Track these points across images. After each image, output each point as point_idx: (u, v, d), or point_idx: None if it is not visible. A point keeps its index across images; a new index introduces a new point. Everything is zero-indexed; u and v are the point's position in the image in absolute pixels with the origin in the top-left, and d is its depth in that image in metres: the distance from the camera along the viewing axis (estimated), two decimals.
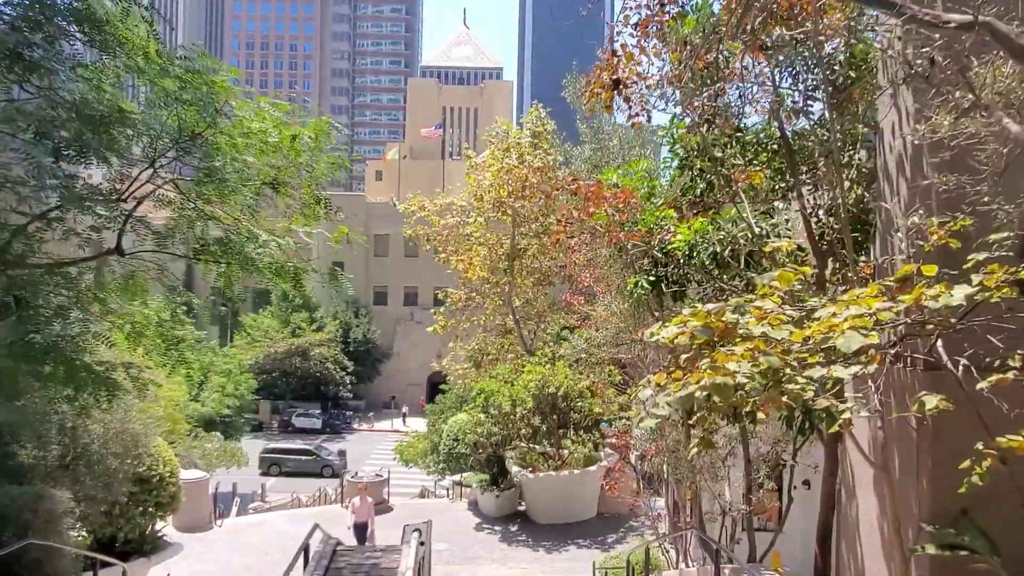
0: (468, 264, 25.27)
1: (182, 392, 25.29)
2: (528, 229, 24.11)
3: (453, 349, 27.80)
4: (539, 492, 19.43)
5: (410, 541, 7.19)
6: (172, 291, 7.39)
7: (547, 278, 24.29)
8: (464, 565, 16.41)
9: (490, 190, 23.68)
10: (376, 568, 6.74)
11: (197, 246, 6.71)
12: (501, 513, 19.92)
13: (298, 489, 31.52)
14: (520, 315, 24.88)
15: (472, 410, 20.22)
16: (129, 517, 12.38)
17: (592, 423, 19.60)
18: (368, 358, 60.60)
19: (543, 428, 19.06)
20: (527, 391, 18.84)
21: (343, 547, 7.61)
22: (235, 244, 6.53)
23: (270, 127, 6.33)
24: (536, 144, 23.93)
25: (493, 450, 20.29)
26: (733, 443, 9.85)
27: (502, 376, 19.99)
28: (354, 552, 7.38)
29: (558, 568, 16.33)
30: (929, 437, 5.15)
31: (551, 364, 19.81)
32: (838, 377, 3.82)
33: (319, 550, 7.17)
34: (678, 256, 7.85)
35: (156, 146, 5.91)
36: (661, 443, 10.05)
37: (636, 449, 14.42)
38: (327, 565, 6.80)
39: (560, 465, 19.69)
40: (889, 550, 5.51)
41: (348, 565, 6.93)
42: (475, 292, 24.81)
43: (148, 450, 12.69)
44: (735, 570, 6.43)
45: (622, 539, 18.58)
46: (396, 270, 64.75)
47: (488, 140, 24.54)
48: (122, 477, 10.34)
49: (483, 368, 24.18)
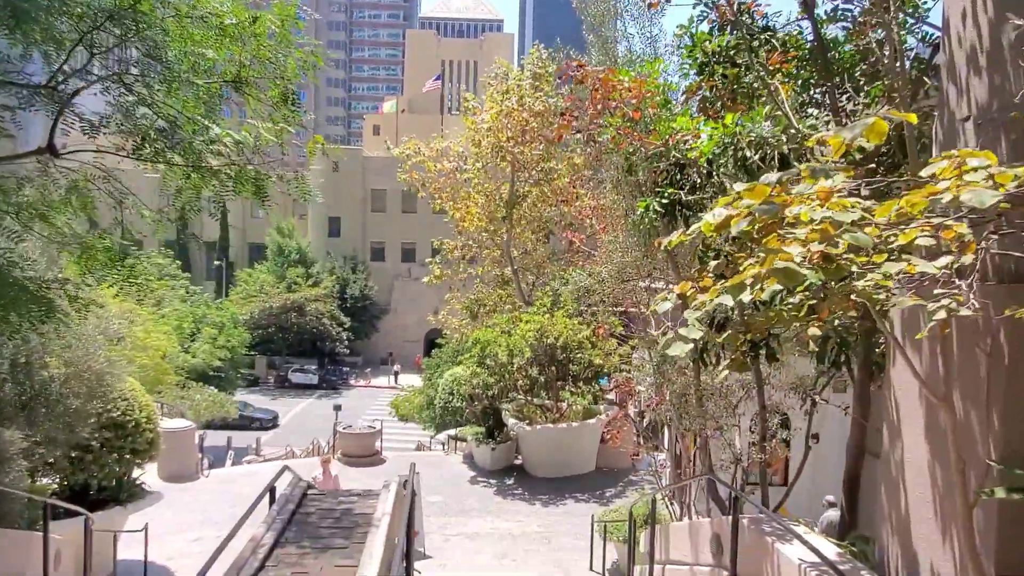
0: (465, 213, 24.33)
1: (171, 342, 24.61)
2: (528, 176, 23.08)
3: (449, 301, 27.04)
4: (536, 445, 18.86)
5: (389, 486, 6.45)
6: (120, 204, 6.50)
7: (546, 226, 23.36)
8: (458, 517, 15.90)
9: (488, 135, 22.59)
10: (349, 513, 6.04)
11: (136, 140, 5.80)
12: (497, 466, 19.38)
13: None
14: (518, 266, 24.03)
15: (468, 361, 19.51)
16: (102, 464, 11.70)
17: (591, 375, 18.92)
18: (365, 314, 60.01)
19: (541, 380, 18.39)
20: (525, 341, 18.10)
21: (314, 491, 6.88)
22: (181, 137, 5.64)
23: (227, 8, 5.38)
24: (537, 87, 22.74)
25: (489, 402, 19.66)
26: (747, 388, 9.10)
27: (499, 326, 19.23)
28: (326, 496, 6.67)
29: (555, 521, 15.82)
30: (1004, 367, 4.34)
31: (550, 314, 19.03)
32: (924, 271, 2.97)
33: (286, 493, 6.46)
34: (695, 174, 6.95)
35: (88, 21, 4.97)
36: (667, 390, 9.31)
37: (638, 398, 13.72)
38: (293, 509, 6.08)
39: (558, 418, 19.08)
40: (944, 495, 4.75)
41: (318, 510, 6.22)
42: (472, 241, 23.91)
43: (119, 392, 11.97)
44: (755, 519, 5.69)
45: (621, 493, 18.07)
46: (393, 226, 63.79)
47: (487, 82, 23.33)
48: (86, 419, 9.61)
49: (480, 319, 23.44)
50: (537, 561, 13.38)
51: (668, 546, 7.57)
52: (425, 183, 23.43)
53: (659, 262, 8.74)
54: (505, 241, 23.26)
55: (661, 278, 8.99)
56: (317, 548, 5.21)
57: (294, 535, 5.56)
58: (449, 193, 23.77)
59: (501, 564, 13.18)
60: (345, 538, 5.48)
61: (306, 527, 5.74)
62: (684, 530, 7.12)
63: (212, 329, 34.09)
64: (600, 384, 19.22)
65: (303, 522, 5.85)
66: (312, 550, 5.19)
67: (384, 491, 6.36)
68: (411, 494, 5.41)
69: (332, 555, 5.11)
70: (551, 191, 22.90)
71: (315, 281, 56.52)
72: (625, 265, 9.20)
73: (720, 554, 6.28)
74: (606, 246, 10.10)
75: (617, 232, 9.37)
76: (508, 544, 14.33)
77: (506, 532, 15.06)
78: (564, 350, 18.50)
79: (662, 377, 9.37)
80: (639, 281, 9.23)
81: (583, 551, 14.04)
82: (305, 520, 5.88)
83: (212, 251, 65.27)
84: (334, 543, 5.37)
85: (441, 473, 19.21)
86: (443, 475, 19.03)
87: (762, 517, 5.93)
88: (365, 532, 5.22)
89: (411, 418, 32.36)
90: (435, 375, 30.30)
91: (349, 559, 4.92)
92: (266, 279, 55.15)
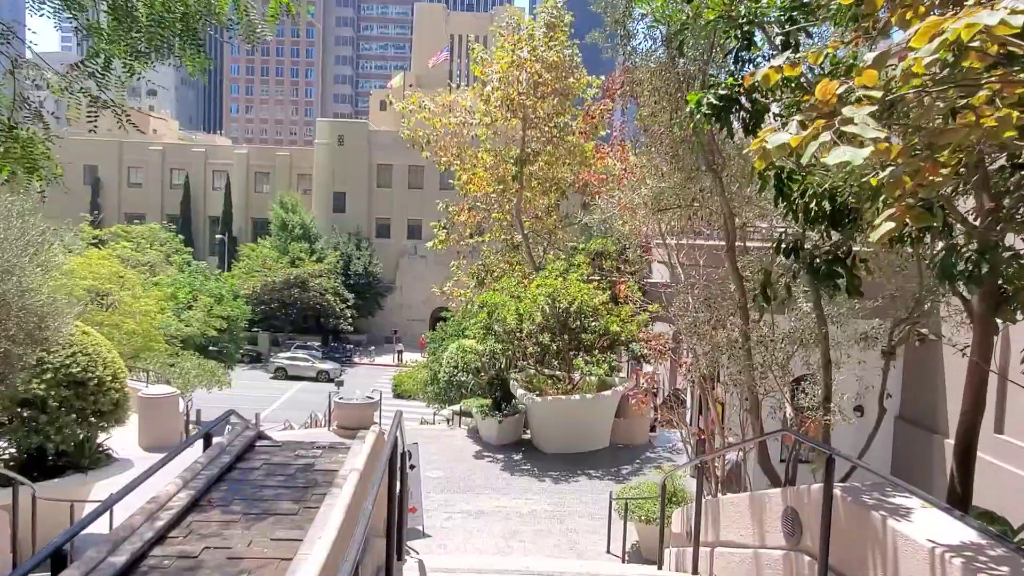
0: (472, 176, 22.78)
1: (158, 308, 23.33)
2: (540, 133, 21.49)
3: (455, 271, 25.55)
4: (547, 418, 17.44)
5: (364, 437, 5.00)
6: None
7: (559, 186, 21.78)
8: (461, 494, 14.56)
9: (498, 88, 20.99)
10: (308, 470, 4.64)
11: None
12: (504, 441, 18.00)
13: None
14: (529, 231, 22.51)
15: (474, 327, 18.08)
16: (60, 426, 10.36)
17: (607, 344, 17.46)
18: (369, 291, 58.72)
19: (553, 347, 16.95)
20: (535, 305, 16.64)
21: (267, 442, 5.44)
22: None
23: None
24: (552, 37, 21.09)
25: (496, 372, 18.27)
26: (803, 339, 7.61)
27: (508, 290, 17.76)
28: (283, 449, 5.24)
29: (567, 500, 14.46)
30: None
31: (563, 277, 17.54)
32: None
33: (223, 441, 5.03)
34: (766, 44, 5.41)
35: None
36: (707, 341, 7.86)
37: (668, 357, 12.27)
38: (230, 463, 4.66)
39: (570, 389, 17.66)
40: None
41: (266, 464, 4.80)
42: (480, 203, 22.36)
43: (79, 345, 10.61)
44: (851, 490, 4.23)
45: (638, 471, 16.68)
46: (399, 201, 62.40)
47: (497, 31, 21.69)
48: (22, 368, 8.25)
49: (488, 288, 21.97)
50: (549, 543, 12.01)
51: (717, 525, 6.13)
52: (430, 140, 21.86)
53: (704, 188, 7.25)
54: (515, 204, 21.72)
55: (704, 206, 7.50)
56: (253, 514, 3.82)
57: (224, 496, 4.15)
58: (456, 152, 22.19)
59: (509, 545, 11.82)
60: (295, 501, 4.04)
61: (243, 486, 4.33)
62: (741, 505, 5.67)
63: (208, 299, 32.79)
64: (631, 351, 17.72)
65: (242, 479, 4.43)
66: (245, 517, 3.79)
67: (357, 443, 4.91)
68: (394, 445, 3.96)
69: (272, 524, 3.71)
70: (565, 149, 21.33)
71: (319, 257, 55.21)
72: (662, 191, 7.72)
73: (796, 534, 4.83)
74: (638, 171, 8.61)
75: (652, 154, 7.87)
76: (516, 523, 12.98)
77: (513, 510, 13.70)
78: (578, 316, 17.04)
79: (703, 328, 7.92)
80: (679, 209, 7.74)
81: (598, 532, 12.69)
82: (244, 477, 4.45)
83: (216, 226, 64.13)
84: (278, 507, 3.97)
85: (443, 447, 17.86)
86: (445, 449, 17.68)
87: (860, 488, 4.46)
88: (324, 494, 3.82)
89: (414, 394, 31.12)
90: (439, 349, 28.98)
91: (296, 530, 3.54)
92: (269, 254, 53.86)
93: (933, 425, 12.00)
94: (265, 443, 5.34)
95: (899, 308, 7.42)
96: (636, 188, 8.36)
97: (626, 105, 10.68)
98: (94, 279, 20.64)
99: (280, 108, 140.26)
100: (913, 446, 12.52)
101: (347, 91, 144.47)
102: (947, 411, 11.89)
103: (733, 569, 5.50)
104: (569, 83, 20.98)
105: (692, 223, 8.19)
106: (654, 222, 8.50)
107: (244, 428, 5.35)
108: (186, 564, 3.19)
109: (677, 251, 10.85)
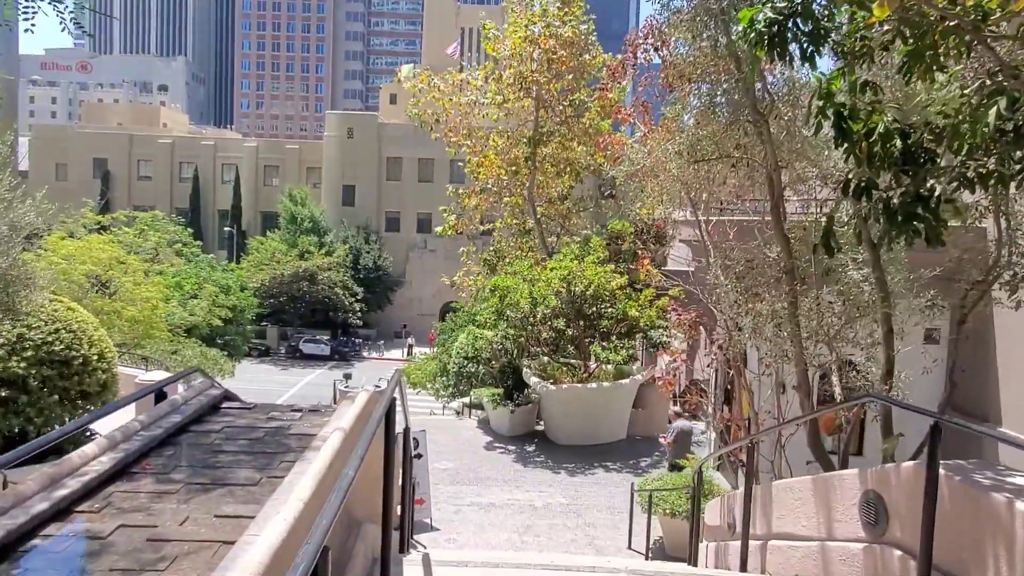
0: (483, 159, 21.94)
1: (161, 295, 22.69)
2: (553, 113, 20.62)
3: (464, 259, 24.74)
4: (561, 408, 16.59)
5: (355, 397, 4.17)
6: None
7: (573, 168, 20.88)
8: (472, 486, 13.75)
9: (511, 65, 20.14)
10: (280, 433, 3.81)
11: None
12: (516, 432, 17.17)
13: None
14: (541, 216, 21.65)
15: (485, 312, 17.26)
16: (41, 407, 9.66)
17: (625, 330, 16.59)
18: (379, 285, 58.03)
19: (568, 333, 16.10)
20: (550, 288, 15.79)
21: (239, 404, 4.61)
22: None
23: None
24: (567, 12, 20.21)
25: (509, 359, 17.44)
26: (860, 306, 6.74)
27: (521, 273, 16.92)
28: (254, 411, 4.42)
29: (583, 493, 13.62)
30: None
31: (578, 260, 16.68)
32: None
33: (175, 399, 4.21)
34: None
35: None
36: (747, 312, 7.00)
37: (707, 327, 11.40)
38: (181, 423, 3.83)
39: (587, 378, 16.79)
40: None
41: (228, 428, 3.98)
42: (492, 185, 21.50)
43: (62, 322, 9.90)
44: (960, 468, 3.38)
45: (658, 463, 15.80)
46: (409, 195, 61.67)
47: (509, 7, 20.83)
48: None
49: (499, 272, 21.15)
50: (566, 538, 11.18)
51: (769, 515, 5.28)
52: (440, 119, 21.02)
53: (749, 133, 6.36)
54: (527, 187, 20.86)
55: (746, 157, 6.61)
56: (197, 484, 2.98)
57: (166, 462, 3.34)
58: (466, 133, 21.34)
59: (523, 540, 11.00)
60: (259, 469, 3.18)
61: (194, 451, 3.50)
62: (802, 490, 4.82)
63: (213, 288, 32.16)
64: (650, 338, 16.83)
65: (192, 443, 3.59)
66: (187, 487, 2.97)
67: (345, 404, 4.08)
68: (390, 404, 3.14)
69: (220, 497, 2.87)
70: (580, 129, 20.45)
71: (328, 250, 54.56)
72: (700, 139, 6.83)
73: (881, 523, 3.98)
74: (669, 120, 7.72)
75: (688, 95, 6.98)
76: (530, 517, 12.16)
77: (527, 504, 12.88)
78: (594, 301, 16.18)
79: (744, 297, 7.06)
80: (716, 162, 6.83)
81: (618, 527, 11.85)
82: (195, 441, 3.61)
83: (225, 220, 63.68)
84: (233, 476, 3.10)
85: (453, 438, 17.06)
86: (455, 440, 16.88)
87: (967, 465, 3.61)
88: (294, 462, 2.98)
89: (423, 386, 30.34)
90: (449, 340, 28.19)
91: (251, 505, 2.73)
92: (278, 247, 53.28)
93: (984, 413, 11.07)
94: (233, 405, 4.51)
95: (969, 272, 6.53)
96: (671, 137, 7.47)
97: (650, 60, 9.83)
98: (93, 264, 20.01)
99: (290, 103, 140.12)
100: (961, 436, 11.58)
101: (358, 86, 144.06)
102: (999, 399, 10.96)
103: (793, 565, 4.66)
104: (584, 60, 20.11)
105: (732, 177, 7.29)
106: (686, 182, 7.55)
107: (208, 386, 4.52)
108: (85, 549, 2.38)
109: (706, 223, 10.00)
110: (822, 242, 5.16)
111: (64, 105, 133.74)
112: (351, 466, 2.21)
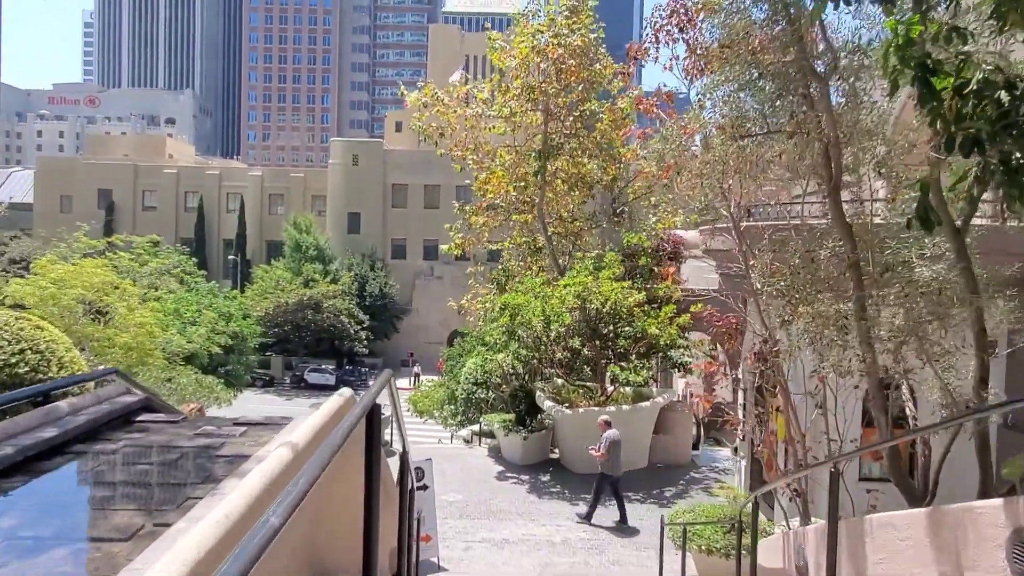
0: (490, 174, 21.11)
1: (157, 321, 21.75)
2: (563, 126, 19.81)
3: (471, 283, 23.77)
4: (577, 433, 15.45)
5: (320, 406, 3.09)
6: None
7: (585, 180, 19.99)
8: (483, 520, 12.61)
9: (517, 76, 19.41)
10: (204, 454, 2.70)
11: None
12: (529, 460, 16.03)
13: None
14: (552, 233, 20.73)
15: (494, 332, 16.24)
16: None
17: (644, 349, 15.52)
18: (385, 313, 57.07)
19: (584, 352, 15.04)
20: (563, 305, 14.77)
21: (163, 416, 3.56)
22: None
23: None
24: (575, 21, 19.53)
25: (520, 383, 16.37)
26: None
27: (532, 290, 15.93)
28: (180, 425, 3.38)
29: (604, 527, 12.45)
30: None
31: (593, 276, 15.68)
32: None
33: (63, 406, 3.20)
34: None
35: None
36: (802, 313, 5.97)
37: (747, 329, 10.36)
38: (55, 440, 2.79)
39: (604, 401, 15.68)
40: None
41: (133, 445, 2.90)
42: (500, 201, 20.61)
43: (29, 341, 8.93)
44: None
45: (683, 493, 14.64)
46: (415, 222, 61.04)
47: (516, 18, 20.16)
48: None
49: (509, 290, 20.16)
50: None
51: (860, 557, 4.21)
52: (444, 133, 20.23)
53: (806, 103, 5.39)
54: (537, 204, 19.96)
55: (801, 131, 5.63)
56: (27, 540, 1.93)
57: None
58: (472, 147, 20.52)
59: None
60: (145, 512, 2.07)
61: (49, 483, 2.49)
62: (913, 527, 3.75)
63: (212, 313, 31.24)
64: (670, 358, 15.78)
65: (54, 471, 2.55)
66: (8, 544, 1.92)
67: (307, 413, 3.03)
68: (370, 408, 2.13)
69: (59, 562, 1.84)
70: (591, 142, 19.62)
71: (333, 278, 53.78)
72: (745, 111, 5.89)
73: None
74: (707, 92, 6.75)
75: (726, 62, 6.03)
76: (548, 554, 11.00)
77: (544, 539, 11.73)
78: (611, 319, 15.14)
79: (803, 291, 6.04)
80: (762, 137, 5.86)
81: (646, 564, 10.69)
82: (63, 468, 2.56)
83: (230, 249, 63.19)
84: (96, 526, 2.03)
85: (461, 467, 15.93)
86: (464, 469, 15.75)
87: None
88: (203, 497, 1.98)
89: (430, 414, 29.20)
90: (456, 366, 27.14)
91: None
92: (283, 275, 52.53)
93: None
94: (153, 417, 3.47)
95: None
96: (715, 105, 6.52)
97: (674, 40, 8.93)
98: (84, 289, 19.11)
99: (296, 135, 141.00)
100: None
101: (363, 116, 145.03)
102: None
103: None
104: (595, 70, 19.36)
105: (783, 156, 6.30)
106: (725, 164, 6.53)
107: (119, 392, 3.50)
108: None
109: (736, 228, 9.01)
110: (918, 214, 4.17)
111: (71, 139, 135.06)
112: (284, 502, 1.24)
